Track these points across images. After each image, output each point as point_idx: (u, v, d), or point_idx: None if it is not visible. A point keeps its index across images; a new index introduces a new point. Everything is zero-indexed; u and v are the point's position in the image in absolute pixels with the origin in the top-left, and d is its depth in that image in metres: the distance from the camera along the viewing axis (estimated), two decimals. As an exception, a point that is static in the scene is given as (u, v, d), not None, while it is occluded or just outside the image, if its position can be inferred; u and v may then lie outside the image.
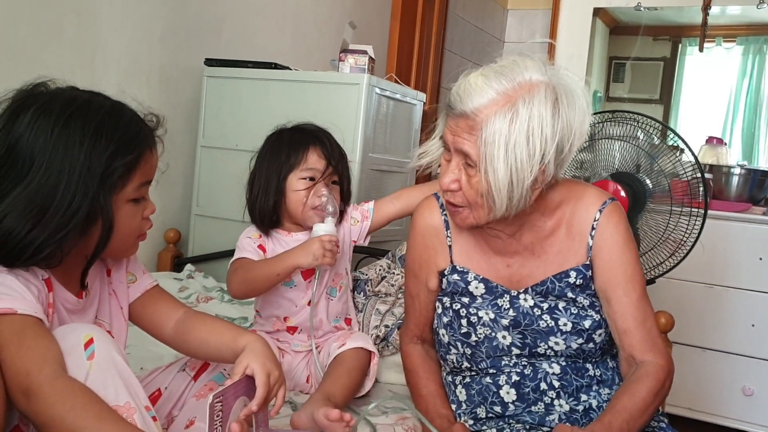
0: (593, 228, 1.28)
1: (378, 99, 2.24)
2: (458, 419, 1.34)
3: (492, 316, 1.29)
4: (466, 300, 1.31)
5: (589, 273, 1.28)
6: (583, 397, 1.27)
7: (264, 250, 1.56)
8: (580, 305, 1.27)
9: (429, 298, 1.38)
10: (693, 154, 2.15)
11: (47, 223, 0.95)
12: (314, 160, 1.54)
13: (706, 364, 2.92)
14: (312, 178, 1.54)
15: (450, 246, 1.34)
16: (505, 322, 1.28)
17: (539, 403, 1.27)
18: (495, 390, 1.29)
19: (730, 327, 2.88)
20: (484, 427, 1.31)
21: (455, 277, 1.33)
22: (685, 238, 2.14)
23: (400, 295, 1.82)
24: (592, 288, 1.29)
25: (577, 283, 1.28)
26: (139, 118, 1.07)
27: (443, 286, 1.34)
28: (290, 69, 2.33)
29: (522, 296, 1.29)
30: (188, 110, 2.43)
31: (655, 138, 2.16)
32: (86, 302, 1.09)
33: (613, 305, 1.26)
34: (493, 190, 1.14)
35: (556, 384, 1.27)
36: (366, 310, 1.76)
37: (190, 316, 1.19)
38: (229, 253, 2.29)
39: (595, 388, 1.28)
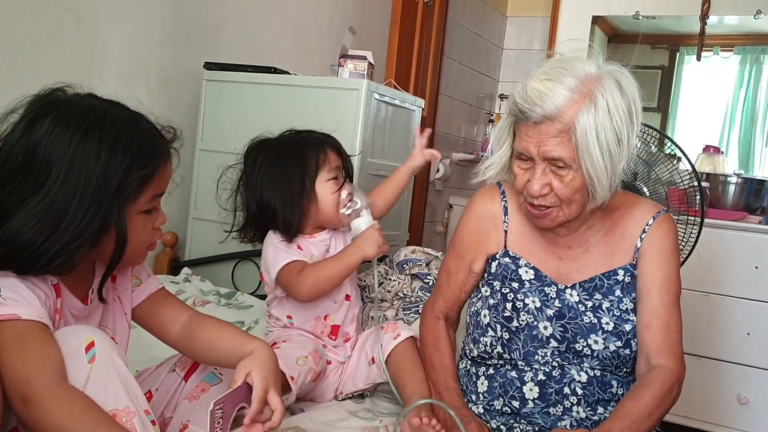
0: (644, 231, 1.34)
1: (377, 104, 2.24)
2: (470, 408, 1.36)
3: (538, 304, 1.32)
4: (515, 285, 1.35)
5: (636, 272, 1.33)
6: (600, 409, 1.30)
7: (301, 249, 1.54)
8: (624, 308, 1.32)
9: (467, 280, 1.43)
10: (690, 162, 2.16)
11: (61, 234, 0.95)
12: (334, 159, 1.56)
13: (701, 372, 2.92)
14: (335, 178, 1.54)
15: (506, 231, 1.39)
16: (549, 312, 1.32)
17: (559, 405, 1.30)
18: (519, 385, 1.31)
19: (726, 335, 2.88)
20: (493, 420, 1.33)
21: (507, 260, 1.37)
22: (681, 246, 2.15)
23: (395, 302, 1.83)
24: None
25: (626, 281, 1.33)
26: (157, 130, 1.06)
27: (493, 270, 1.38)
28: (290, 73, 2.34)
29: (569, 291, 1.33)
30: (187, 113, 2.42)
31: (653, 146, 2.17)
32: (92, 308, 1.08)
33: (644, 303, 1.30)
34: (595, 181, 1.21)
35: (579, 392, 1.30)
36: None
37: (196, 319, 1.18)
38: (227, 257, 2.31)
39: (613, 404, 1.30)
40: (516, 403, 1.31)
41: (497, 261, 1.38)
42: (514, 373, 1.32)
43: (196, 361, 1.22)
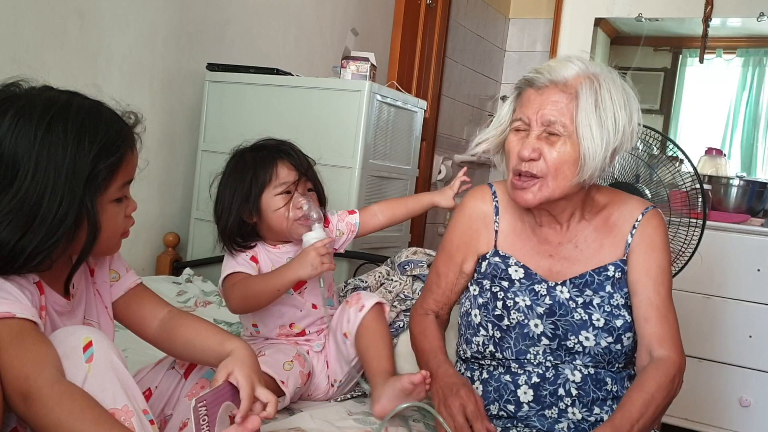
0: (634, 227, 1.35)
1: (379, 106, 2.25)
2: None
3: (528, 302, 1.33)
4: (505, 284, 1.36)
5: (626, 268, 1.34)
6: (596, 410, 1.31)
7: (256, 261, 1.54)
8: (615, 304, 1.33)
9: (458, 281, 1.44)
10: (692, 164, 2.16)
11: (36, 230, 0.94)
12: (285, 174, 1.52)
13: (703, 374, 2.92)
14: (287, 192, 1.52)
15: (496, 231, 1.40)
16: (540, 309, 1.33)
17: (554, 407, 1.30)
18: (513, 389, 1.32)
19: (728, 338, 2.88)
20: (491, 423, 1.33)
21: (496, 259, 1.38)
22: (683, 249, 2.15)
23: (396, 303, 1.83)
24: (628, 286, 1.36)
25: (616, 276, 1.34)
26: (119, 117, 1.05)
27: (483, 269, 1.39)
28: (292, 75, 2.34)
29: (559, 288, 1.34)
30: (190, 114, 2.43)
31: (655, 148, 2.17)
32: (74, 303, 1.09)
33: (640, 295, 1.32)
34: (588, 152, 1.23)
35: (574, 392, 1.30)
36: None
37: (175, 316, 1.18)
38: (229, 257, 2.31)
39: (609, 403, 1.31)
40: (511, 407, 1.32)
41: (487, 260, 1.39)
42: (507, 377, 1.33)
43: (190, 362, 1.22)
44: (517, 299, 1.34)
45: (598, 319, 1.31)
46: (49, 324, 1.02)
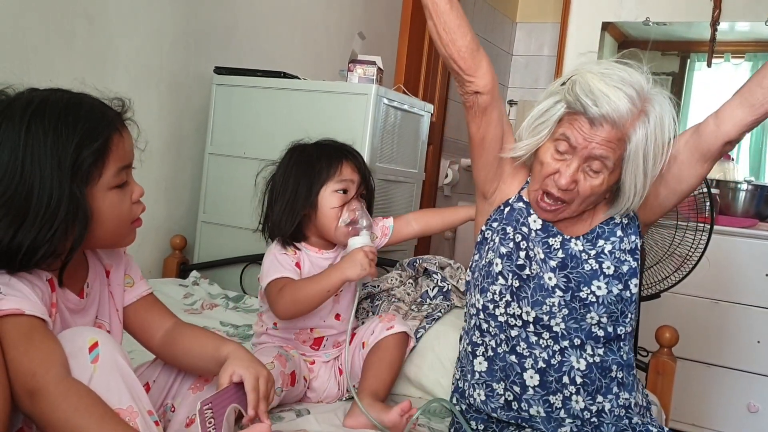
0: None
1: (386, 109, 2.25)
2: (470, 389, 1.41)
3: (542, 255, 1.37)
4: (525, 230, 1.39)
5: (632, 213, 1.39)
6: (600, 398, 1.34)
7: (300, 267, 1.52)
8: (624, 248, 1.37)
9: (496, 132, 1.42)
10: (700, 169, 2.15)
11: (30, 226, 0.95)
12: (349, 173, 1.52)
13: (710, 380, 2.90)
14: (345, 191, 1.51)
15: (528, 182, 1.42)
16: (552, 263, 1.36)
17: (558, 394, 1.33)
18: (519, 371, 1.35)
19: (736, 343, 2.87)
20: (497, 410, 1.36)
21: (520, 204, 1.41)
22: (690, 253, 2.14)
23: (414, 307, 1.82)
24: (639, 231, 1.40)
25: (624, 222, 1.39)
26: (101, 104, 1.05)
27: (505, 214, 1.41)
28: (299, 78, 2.35)
29: (574, 241, 1.38)
30: (197, 117, 2.44)
31: (662, 152, 2.15)
32: (88, 302, 1.09)
33: (672, 161, 1.32)
34: (631, 191, 1.28)
35: (579, 380, 1.33)
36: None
37: (178, 327, 1.19)
38: (235, 260, 2.32)
39: (615, 390, 1.34)
40: (517, 389, 1.35)
41: (510, 206, 1.41)
42: (513, 357, 1.36)
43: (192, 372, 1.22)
44: (536, 249, 1.37)
45: (608, 267, 1.35)
46: (59, 321, 1.02)
